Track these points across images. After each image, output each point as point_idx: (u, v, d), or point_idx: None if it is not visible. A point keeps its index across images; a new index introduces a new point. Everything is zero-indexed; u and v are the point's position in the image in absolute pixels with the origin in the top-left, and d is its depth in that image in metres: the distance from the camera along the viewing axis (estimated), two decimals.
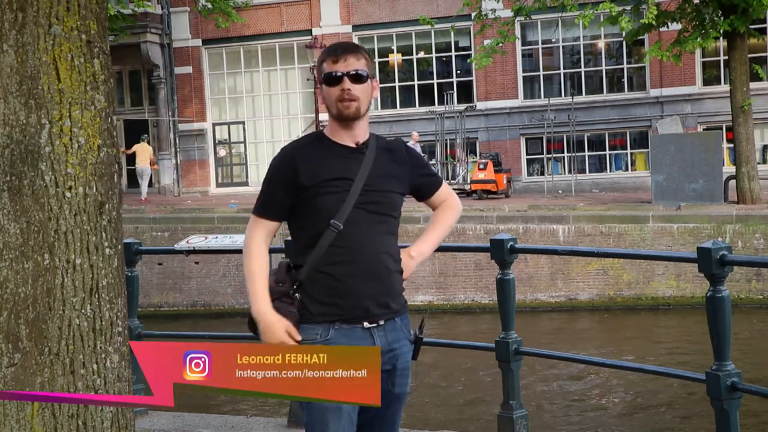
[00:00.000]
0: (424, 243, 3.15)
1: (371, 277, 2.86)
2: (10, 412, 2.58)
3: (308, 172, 2.85)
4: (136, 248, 5.56)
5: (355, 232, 2.84)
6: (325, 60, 2.91)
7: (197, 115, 28.99)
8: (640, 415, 10.90)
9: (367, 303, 2.85)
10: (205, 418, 5.51)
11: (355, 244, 2.84)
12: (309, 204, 2.86)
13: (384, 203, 2.92)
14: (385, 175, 2.92)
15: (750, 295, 16.85)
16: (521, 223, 18.20)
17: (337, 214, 2.83)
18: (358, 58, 2.90)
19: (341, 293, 2.84)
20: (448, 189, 3.21)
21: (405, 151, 3.04)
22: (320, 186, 2.84)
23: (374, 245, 2.88)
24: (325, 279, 2.84)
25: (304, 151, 2.90)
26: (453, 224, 3.24)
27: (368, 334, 2.86)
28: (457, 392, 11.99)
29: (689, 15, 19.27)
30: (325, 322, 2.83)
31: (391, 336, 2.90)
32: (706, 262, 3.82)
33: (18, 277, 2.57)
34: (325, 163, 2.87)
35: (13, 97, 2.57)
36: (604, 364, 5.53)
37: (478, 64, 21.28)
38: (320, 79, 2.92)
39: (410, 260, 3.06)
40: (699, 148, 19.24)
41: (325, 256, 2.83)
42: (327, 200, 2.84)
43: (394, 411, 2.94)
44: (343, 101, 2.87)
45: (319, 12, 27.79)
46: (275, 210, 2.93)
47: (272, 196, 2.91)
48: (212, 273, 19.32)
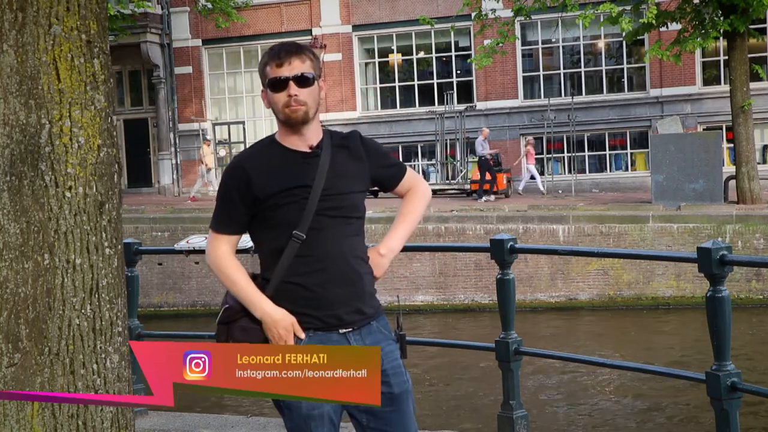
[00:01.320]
0: (394, 238, 3.02)
1: (342, 283, 2.79)
2: (10, 412, 2.58)
3: (263, 183, 2.75)
4: (136, 248, 5.56)
5: (320, 239, 2.76)
6: (268, 64, 2.80)
7: (197, 115, 28.99)
8: (640, 415, 10.91)
9: (340, 310, 2.78)
10: (205, 418, 5.51)
11: (321, 252, 2.76)
12: (268, 216, 2.77)
13: (346, 206, 2.82)
14: (343, 176, 2.82)
15: (750, 295, 16.85)
16: (521, 223, 18.20)
17: (299, 224, 2.74)
18: (303, 60, 2.79)
19: (313, 303, 2.76)
20: (413, 175, 3.08)
21: (361, 144, 2.91)
22: (277, 197, 2.75)
23: (342, 250, 2.79)
24: (295, 290, 2.76)
25: (255, 161, 2.80)
26: (422, 212, 3.10)
27: (344, 338, 2.80)
28: (457, 392, 11.99)
29: (689, 15, 19.27)
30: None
31: (369, 339, 2.83)
32: (706, 262, 3.82)
33: (18, 277, 2.57)
34: (279, 173, 2.77)
35: (13, 97, 2.57)
36: (604, 364, 5.53)
37: (478, 64, 21.28)
38: (264, 84, 2.82)
39: (381, 258, 2.96)
40: (699, 148, 19.24)
41: (292, 267, 2.75)
42: (286, 211, 2.75)
43: (403, 411, 2.86)
44: (290, 107, 2.77)
45: (319, 12, 27.79)
46: (234, 224, 2.84)
47: (229, 210, 2.82)
48: (212, 273, 19.28)
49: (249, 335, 2.75)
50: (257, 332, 2.75)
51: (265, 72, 2.81)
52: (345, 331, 2.80)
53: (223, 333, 2.81)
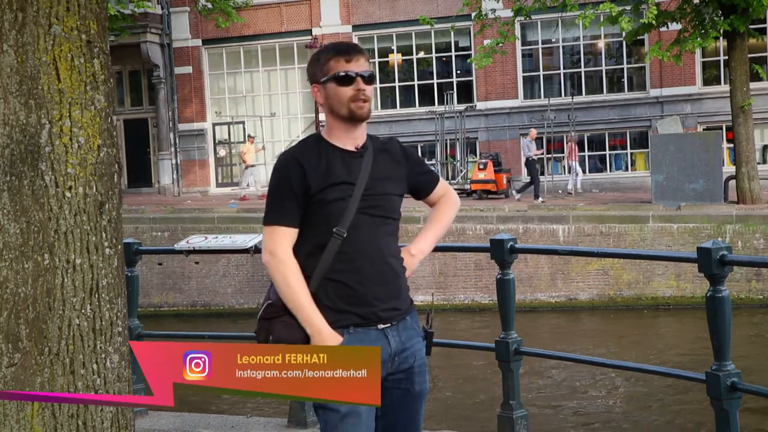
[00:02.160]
0: (424, 240, 3.13)
1: (381, 282, 2.85)
2: (10, 412, 2.58)
3: (315, 177, 2.80)
4: (136, 248, 5.56)
5: (360, 238, 2.82)
6: (332, 58, 2.85)
7: (197, 115, 29.00)
8: (640, 415, 10.91)
9: (378, 307, 2.84)
10: (205, 418, 5.51)
11: (361, 250, 2.82)
12: (313, 211, 2.81)
13: (385, 206, 2.89)
14: (384, 178, 2.89)
15: (750, 295, 16.85)
16: (521, 223, 18.20)
17: (341, 220, 2.79)
18: (366, 59, 2.88)
19: (354, 300, 2.81)
20: (445, 184, 3.19)
21: (400, 150, 3.00)
22: (326, 192, 2.79)
23: (380, 250, 2.86)
24: (335, 287, 2.80)
25: (307, 156, 2.83)
26: (452, 220, 3.21)
27: (382, 335, 2.85)
28: (457, 392, 11.98)
29: (689, 15, 19.27)
30: (340, 327, 2.80)
31: (405, 335, 2.90)
32: (706, 262, 3.82)
33: (18, 277, 2.57)
34: (329, 168, 2.82)
35: (13, 97, 2.57)
36: (604, 364, 5.53)
37: (478, 64, 21.28)
38: (324, 79, 2.85)
39: (411, 258, 3.05)
40: (699, 148, 19.24)
41: (333, 264, 2.80)
42: (332, 207, 2.80)
43: (416, 410, 2.93)
44: (357, 101, 2.83)
45: (319, 12, 27.79)
46: (292, 216, 2.82)
47: (285, 202, 2.82)
48: (212, 273, 19.32)
49: (291, 333, 2.77)
50: (300, 330, 2.77)
51: (327, 66, 2.85)
52: (383, 327, 2.86)
53: (264, 329, 2.82)
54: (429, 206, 3.20)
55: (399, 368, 2.88)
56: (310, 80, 2.93)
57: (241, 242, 5.34)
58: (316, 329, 2.74)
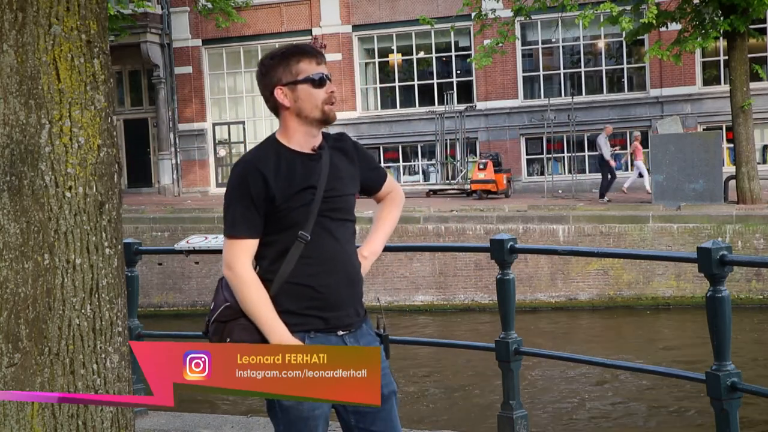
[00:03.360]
0: (376, 241, 3.07)
1: (347, 284, 2.83)
2: (10, 412, 2.58)
3: (278, 185, 2.75)
4: (136, 248, 5.56)
5: (324, 240, 2.78)
6: (302, 60, 2.80)
7: (197, 115, 29.00)
8: (640, 415, 10.91)
9: (342, 312, 2.81)
10: (205, 418, 5.51)
11: (325, 253, 2.78)
12: (277, 218, 2.77)
13: (344, 207, 2.85)
14: (341, 177, 2.85)
15: (750, 295, 16.84)
16: (521, 223, 18.20)
17: (305, 225, 2.75)
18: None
19: (320, 304, 2.78)
20: (392, 180, 3.13)
21: (353, 146, 2.95)
22: (290, 199, 2.75)
23: (345, 252, 2.83)
24: (300, 291, 2.77)
25: (267, 163, 2.77)
26: (398, 216, 3.15)
27: (341, 341, 2.82)
28: (457, 392, 11.98)
29: (689, 15, 19.27)
30: (301, 331, 2.77)
31: (363, 341, 2.87)
32: (706, 262, 3.82)
33: (18, 277, 2.57)
34: (292, 175, 2.77)
35: (13, 97, 2.57)
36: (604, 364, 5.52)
37: (478, 64, 21.28)
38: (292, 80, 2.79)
39: (364, 260, 2.99)
40: (699, 148, 19.24)
41: (297, 268, 2.76)
42: (297, 213, 2.75)
43: (388, 411, 2.89)
44: (329, 104, 2.81)
45: (319, 12, 27.79)
46: (254, 227, 2.77)
47: (247, 212, 2.76)
48: (212, 273, 19.32)
49: (249, 335, 2.74)
50: (257, 332, 2.75)
51: (297, 67, 2.80)
52: (342, 333, 2.83)
53: (219, 331, 2.78)
54: (376, 202, 3.13)
55: None
56: (269, 82, 2.84)
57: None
58: (279, 339, 2.71)
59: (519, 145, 26.77)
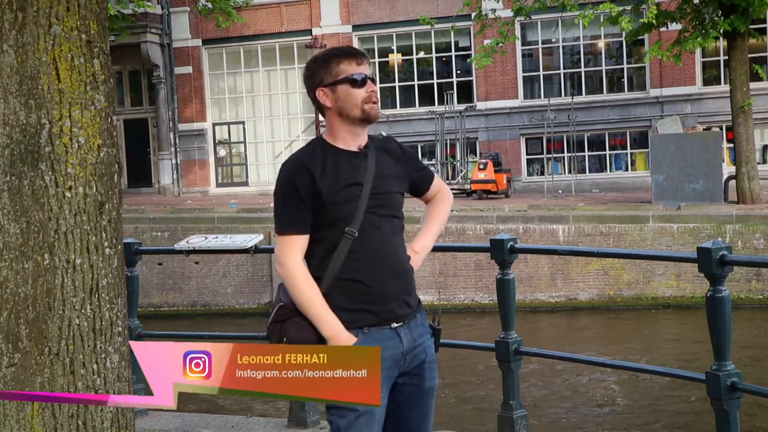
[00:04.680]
0: (426, 236, 3.18)
1: (394, 278, 2.89)
2: (10, 412, 2.58)
3: (325, 182, 2.82)
4: (136, 248, 5.56)
5: (371, 236, 2.85)
6: (343, 61, 2.88)
7: (197, 115, 29.00)
8: (640, 415, 10.90)
9: (393, 305, 2.88)
10: (205, 418, 5.51)
11: (373, 248, 2.85)
12: (324, 214, 2.83)
13: (391, 205, 2.93)
14: (387, 176, 2.93)
15: (750, 295, 16.84)
16: (521, 223, 18.20)
17: (352, 221, 2.82)
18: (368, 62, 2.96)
19: (369, 299, 2.84)
20: (440, 180, 3.22)
21: (398, 148, 3.04)
22: (336, 195, 2.82)
23: (391, 247, 2.90)
24: (350, 286, 2.83)
25: (314, 160, 2.85)
26: (448, 215, 3.26)
27: (395, 333, 2.88)
28: (457, 392, 11.98)
29: (689, 15, 19.27)
30: (355, 327, 2.82)
31: (416, 332, 2.93)
32: (706, 262, 3.82)
33: (18, 277, 2.57)
34: (338, 171, 2.85)
35: (13, 97, 2.57)
36: (604, 364, 5.53)
37: (478, 64, 21.27)
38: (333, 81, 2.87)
39: (415, 255, 3.10)
40: (699, 148, 19.24)
41: (345, 264, 2.82)
42: (344, 209, 2.82)
43: (426, 405, 2.96)
44: (370, 103, 2.88)
45: (319, 12, 27.79)
46: (303, 223, 2.84)
47: (295, 209, 2.83)
48: (212, 273, 19.32)
49: (304, 333, 2.79)
50: (312, 330, 2.79)
51: (338, 68, 2.88)
52: (396, 325, 2.89)
53: (276, 331, 2.83)
54: (425, 203, 3.23)
55: (411, 365, 2.92)
56: (312, 83, 2.93)
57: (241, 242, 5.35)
58: (334, 333, 2.77)
59: (519, 145, 26.77)
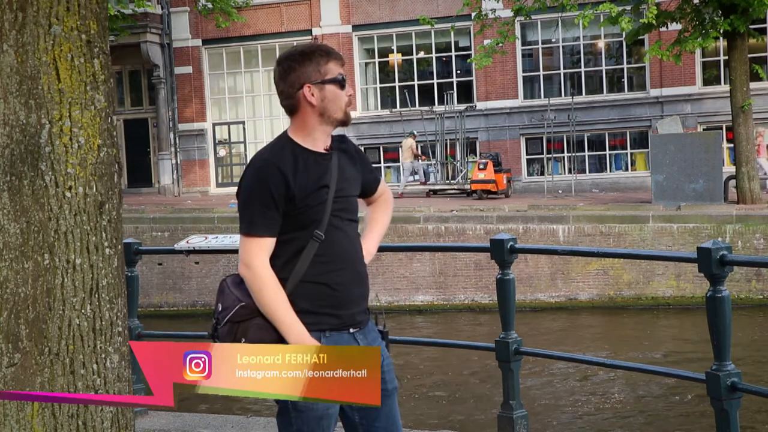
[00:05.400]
0: (371, 242, 3.10)
1: (357, 283, 2.86)
2: (10, 412, 2.58)
3: (297, 184, 2.76)
4: (136, 248, 5.56)
5: (337, 239, 2.81)
6: (330, 61, 2.84)
7: (197, 115, 28.99)
8: (640, 415, 10.90)
9: (354, 310, 2.85)
10: (205, 418, 5.51)
11: (338, 252, 2.81)
12: (294, 217, 2.78)
13: (351, 208, 2.90)
14: (348, 178, 2.89)
15: (750, 295, 16.84)
16: (521, 223, 18.19)
17: (320, 224, 2.78)
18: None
19: (333, 303, 2.81)
20: (383, 182, 3.17)
21: (354, 149, 2.99)
22: (307, 198, 2.77)
23: (355, 251, 2.87)
24: (318, 289, 2.79)
25: (285, 161, 2.78)
26: (390, 218, 3.20)
27: (353, 338, 2.86)
28: (457, 392, 11.98)
29: (689, 15, 19.27)
30: (316, 330, 2.79)
31: (370, 336, 2.91)
32: (706, 262, 3.82)
33: (18, 277, 2.57)
34: (306, 173, 2.79)
35: (13, 97, 2.57)
36: (604, 364, 5.53)
37: (478, 64, 21.27)
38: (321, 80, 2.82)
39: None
40: (699, 148, 19.24)
41: (312, 267, 2.78)
42: (313, 212, 2.78)
43: (390, 407, 2.93)
44: (349, 106, 2.87)
45: (319, 12, 27.79)
46: (273, 226, 2.78)
47: (267, 212, 2.76)
48: (212, 273, 19.32)
49: (265, 335, 2.75)
50: (273, 331, 2.75)
51: (326, 67, 2.82)
52: (354, 330, 2.87)
53: (233, 332, 2.77)
54: (367, 205, 3.17)
55: None
56: (297, 79, 2.83)
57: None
58: (299, 339, 2.72)
59: (519, 145, 26.77)
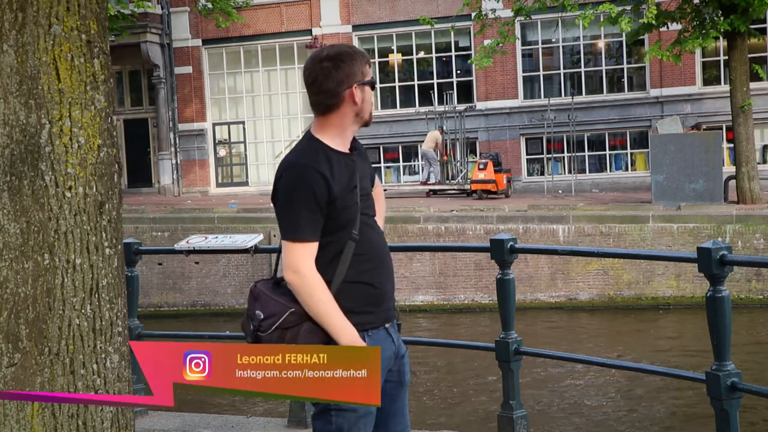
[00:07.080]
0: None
1: (390, 279, 2.93)
2: (10, 412, 2.58)
3: (336, 186, 2.78)
4: (136, 248, 5.56)
5: (370, 238, 2.86)
6: (367, 63, 2.88)
7: (197, 115, 28.99)
8: (640, 415, 10.90)
9: (389, 305, 2.91)
10: (205, 418, 5.51)
11: (374, 248, 2.87)
12: (334, 219, 2.79)
13: (371, 204, 2.95)
14: (365, 176, 2.95)
15: (750, 295, 16.84)
16: (521, 223, 18.19)
17: (355, 223, 2.82)
18: None
19: (376, 300, 2.85)
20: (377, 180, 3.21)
21: (362, 147, 3.03)
22: (345, 199, 2.80)
23: (384, 244, 2.94)
24: (359, 289, 2.82)
25: (324, 164, 2.79)
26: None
27: (387, 333, 2.90)
28: (457, 392, 11.98)
29: (689, 15, 19.27)
30: (361, 331, 2.80)
31: (393, 330, 2.97)
32: (706, 262, 3.82)
33: (18, 277, 2.57)
34: (343, 175, 2.82)
35: (13, 97, 2.57)
36: (604, 364, 5.53)
37: (478, 64, 21.26)
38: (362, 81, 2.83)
39: None
40: (699, 148, 19.23)
41: (351, 267, 2.80)
42: (349, 212, 2.81)
43: (403, 398, 2.99)
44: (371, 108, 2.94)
45: (319, 12, 27.79)
46: (317, 230, 2.78)
47: (311, 217, 2.76)
48: (212, 273, 19.32)
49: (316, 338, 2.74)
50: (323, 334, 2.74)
51: (365, 69, 2.86)
52: (388, 325, 2.91)
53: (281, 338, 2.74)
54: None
55: (395, 363, 2.95)
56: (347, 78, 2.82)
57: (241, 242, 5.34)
58: (350, 339, 2.73)
59: (519, 145, 26.76)
